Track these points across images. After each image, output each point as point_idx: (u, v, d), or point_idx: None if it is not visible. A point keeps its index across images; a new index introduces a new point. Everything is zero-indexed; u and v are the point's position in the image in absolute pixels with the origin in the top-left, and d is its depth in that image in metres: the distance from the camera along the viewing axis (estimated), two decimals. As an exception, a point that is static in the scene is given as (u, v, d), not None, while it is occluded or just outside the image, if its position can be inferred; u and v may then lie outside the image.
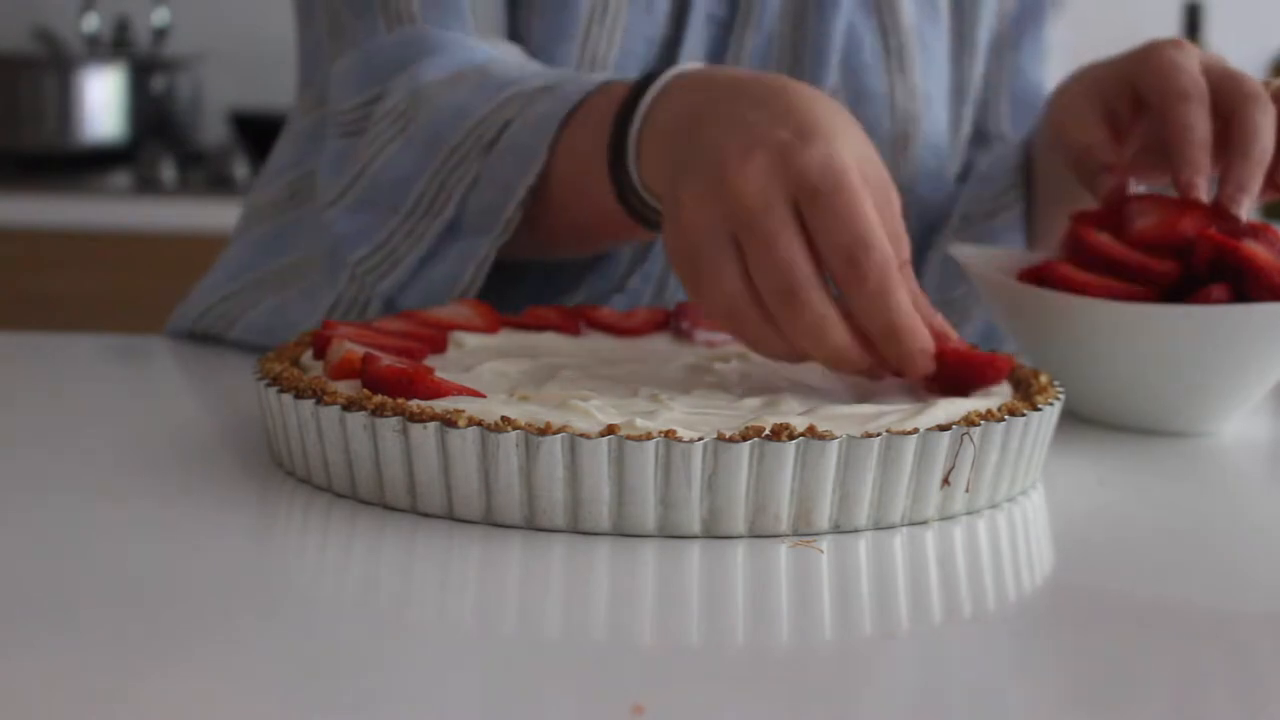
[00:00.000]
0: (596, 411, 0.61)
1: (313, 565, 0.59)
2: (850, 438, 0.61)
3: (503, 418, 0.60)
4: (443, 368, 0.68)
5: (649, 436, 0.59)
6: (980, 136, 1.12)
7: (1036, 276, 0.82)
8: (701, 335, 0.82)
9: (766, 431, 0.60)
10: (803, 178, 0.67)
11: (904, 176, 1.03)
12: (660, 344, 0.81)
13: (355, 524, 0.61)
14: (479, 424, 0.60)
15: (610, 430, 0.59)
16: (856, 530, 0.62)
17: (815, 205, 0.67)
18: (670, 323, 0.84)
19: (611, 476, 0.59)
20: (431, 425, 0.60)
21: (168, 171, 2.50)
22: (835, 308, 0.68)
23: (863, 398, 0.70)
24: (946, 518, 0.64)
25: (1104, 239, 0.81)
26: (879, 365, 0.70)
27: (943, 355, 0.69)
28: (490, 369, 0.71)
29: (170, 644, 0.49)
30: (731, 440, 0.59)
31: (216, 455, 0.72)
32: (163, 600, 0.53)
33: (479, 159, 0.85)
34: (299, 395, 0.64)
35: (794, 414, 0.64)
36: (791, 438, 0.60)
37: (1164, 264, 0.79)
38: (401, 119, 0.89)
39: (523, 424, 0.60)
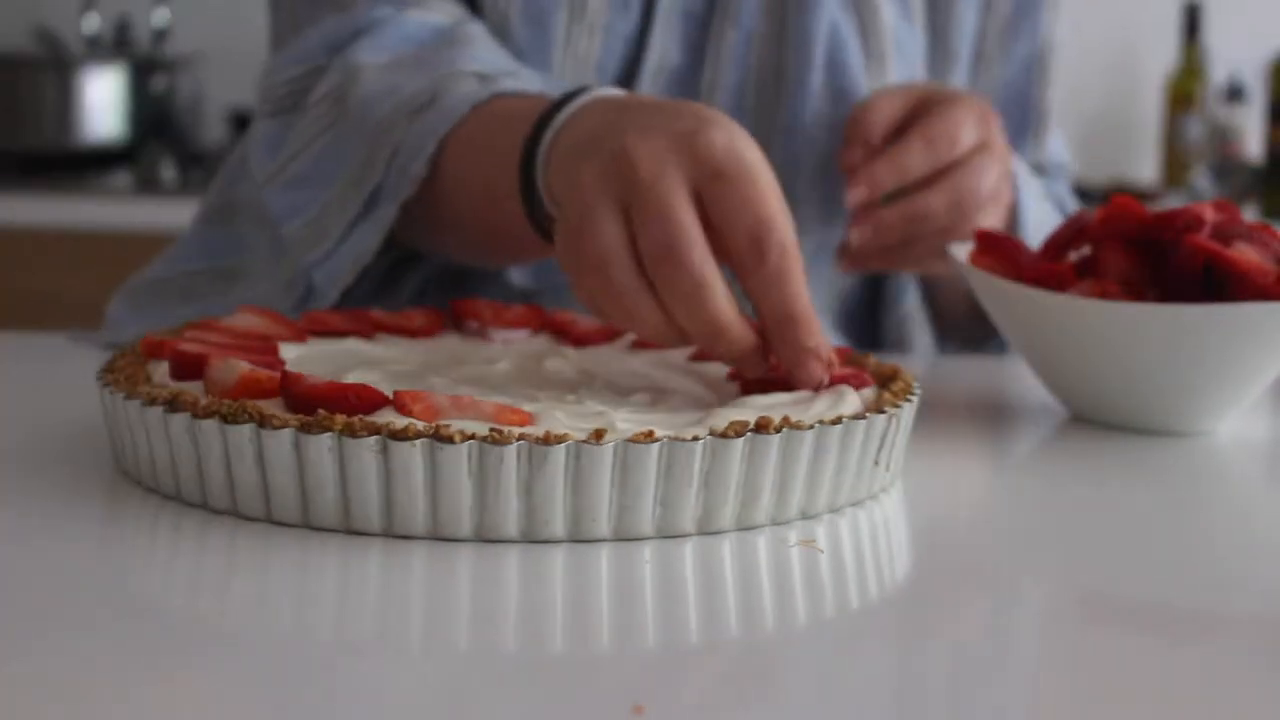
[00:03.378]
0: (563, 416, 0.61)
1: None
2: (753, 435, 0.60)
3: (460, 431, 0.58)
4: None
5: (561, 439, 0.58)
6: None
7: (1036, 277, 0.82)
8: (499, 334, 0.79)
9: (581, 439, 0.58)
10: (705, 160, 0.65)
11: None
12: (452, 344, 0.79)
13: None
14: (429, 435, 0.58)
15: (562, 438, 0.58)
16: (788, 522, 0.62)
17: (718, 185, 0.65)
18: (448, 322, 0.81)
19: (564, 486, 0.59)
20: (421, 442, 0.58)
21: (168, 171, 2.50)
22: (722, 279, 0.65)
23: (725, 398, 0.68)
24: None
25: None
26: (760, 354, 0.67)
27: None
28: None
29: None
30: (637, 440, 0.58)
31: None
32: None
33: (404, 127, 0.85)
34: (227, 420, 0.60)
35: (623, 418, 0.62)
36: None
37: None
38: (337, 103, 0.90)
39: (475, 435, 0.58)
